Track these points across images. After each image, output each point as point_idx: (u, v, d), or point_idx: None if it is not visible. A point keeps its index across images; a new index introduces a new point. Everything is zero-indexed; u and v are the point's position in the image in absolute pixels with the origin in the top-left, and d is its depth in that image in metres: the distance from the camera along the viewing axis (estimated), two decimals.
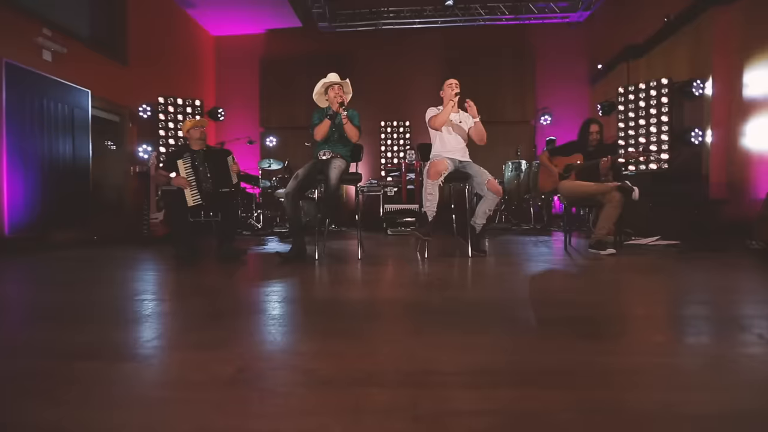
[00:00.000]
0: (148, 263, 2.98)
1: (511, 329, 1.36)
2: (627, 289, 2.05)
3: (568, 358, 1.10)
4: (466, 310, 1.62)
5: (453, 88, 3.16)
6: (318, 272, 2.50)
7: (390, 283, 2.16)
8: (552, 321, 1.44)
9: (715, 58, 4.64)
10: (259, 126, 7.80)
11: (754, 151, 4.34)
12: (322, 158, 3.11)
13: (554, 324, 1.41)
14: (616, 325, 1.44)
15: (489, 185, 2.96)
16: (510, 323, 1.44)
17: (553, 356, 1.11)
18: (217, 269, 2.65)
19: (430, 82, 7.79)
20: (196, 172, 3.17)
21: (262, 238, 4.76)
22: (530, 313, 1.55)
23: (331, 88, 3.10)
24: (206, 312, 1.59)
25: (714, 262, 2.77)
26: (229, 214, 3.20)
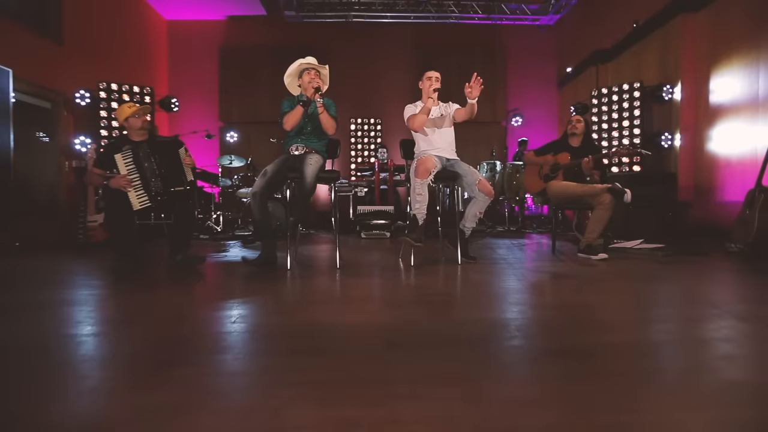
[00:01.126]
0: (82, 278, 2.47)
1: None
2: (632, 305, 1.86)
3: (558, 419, 0.81)
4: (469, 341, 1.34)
5: (432, 83, 2.89)
6: (291, 287, 2.14)
7: (378, 302, 1.85)
8: (547, 355, 1.19)
9: (684, 64, 4.74)
10: (219, 120, 7.20)
11: (720, 156, 4.46)
12: (294, 153, 2.74)
13: (548, 360, 1.15)
14: (626, 363, 1.18)
15: (480, 186, 2.73)
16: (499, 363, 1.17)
17: (538, 414, 0.83)
18: (169, 285, 2.21)
19: (401, 78, 7.56)
20: (141, 168, 2.68)
21: (223, 242, 4.27)
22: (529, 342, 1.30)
23: (306, 72, 2.74)
24: (154, 357, 1.19)
25: (706, 268, 2.71)
26: (184, 217, 2.74)
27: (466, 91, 2.66)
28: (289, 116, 2.63)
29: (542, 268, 2.66)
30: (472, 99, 2.67)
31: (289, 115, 2.63)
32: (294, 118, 2.63)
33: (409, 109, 2.95)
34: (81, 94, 4.79)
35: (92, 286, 2.17)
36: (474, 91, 2.62)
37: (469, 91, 2.65)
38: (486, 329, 1.40)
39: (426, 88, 2.94)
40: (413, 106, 2.99)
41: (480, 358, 1.13)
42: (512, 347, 1.22)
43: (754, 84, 4.02)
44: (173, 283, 2.29)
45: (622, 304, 1.79)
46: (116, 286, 2.17)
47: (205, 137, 5.29)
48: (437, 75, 2.94)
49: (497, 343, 1.26)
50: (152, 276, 2.47)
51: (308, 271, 2.57)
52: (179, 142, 2.89)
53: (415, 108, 2.96)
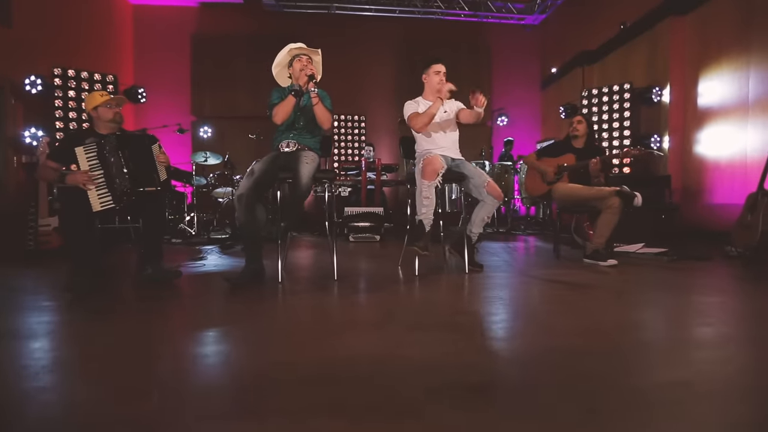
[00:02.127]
0: (29, 299, 2.07)
1: None
2: (687, 325, 1.70)
3: None
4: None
5: (441, 78, 2.67)
6: (285, 307, 1.85)
7: (397, 326, 1.59)
8: (658, 387, 0.99)
9: (673, 66, 4.74)
10: (191, 114, 6.70)
11: (708, 158, 4.49)
12: (284, 150, 2.43)
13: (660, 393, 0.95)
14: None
15: (488, 188, 2.52)
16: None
17: None
18: (136, 308, 1.86)
19: (386, 73, 7.33)
20: (105, 164, 2.30)
21: (198, 248, 3.89)
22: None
23: (297, 59, 2.44)
24: (113, 425, 0.88)
25: (722, 276, 2.63)
26: (154, 223, 2.37)
27: (473, 101, 2.48)
28: (280, 108, 2.32)
29: (555, 277, 2.49)
30: (479, 107, 2.48)
31: (280, 106, 2.32)
32: (285, 110, 2.32)
33: (410, 106, 2.70)
34: (32, 80, 4.24)
35: (40, 310, 1.79)
36: (480, 101, 2.45)
37: (474, 102, 2.46)
38: (548, 363, 1.18)
39: (432, 83, 2.71)
40: (414, 103, 2.73)
41: (585, 408, 0.90)
42: (612, 388, 1.00)
43: (744, 87, 4.05)
44: (141, 303, 1.93)
45: (679, 326, 1.62)
46: (71, 310, 1.80)
47: (177, 132, 4.84)
48: (444, 69, 2.71)
49: (589, 385, 1.03)
50: (116, 294, 2.10)
51: (302, 285, 2.27)
52: (152, 137, 2.52)
53: (416, 105, 2.71)
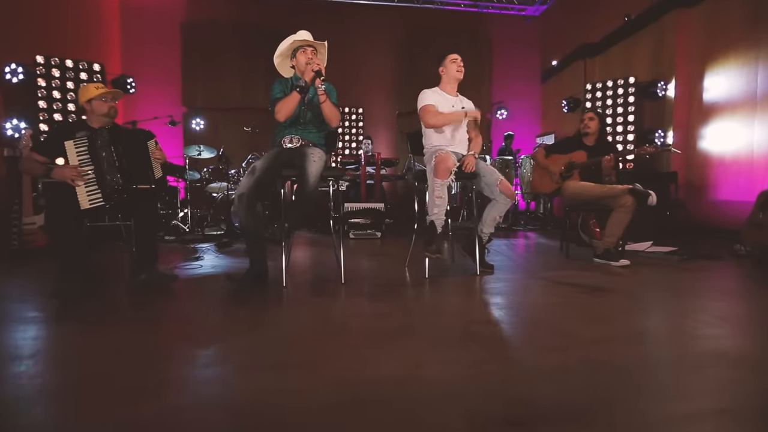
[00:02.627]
0: (14, 305, 1.92)
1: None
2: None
3: None
4: None
5: (459, 65, 2.56)
6: (291, 315, 1.74)
7: (416, 339, 1.49)
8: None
9: (679, 61, 4.66)
10: (182, 105, 6.46)
11: (713, 154, 4.43)
12: (287, 146, 2.29)
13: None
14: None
15: (501, 187, 2.42)
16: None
17: None
18: (129, 318, 1.72)
19: (384, 63, 7.13)
20: (97, 159, 2.15)
21: (193, 246, 3.73)
22: None
23: (301, 50, 2.29)
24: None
25: (744, 277, 2.58)
26: (148, 223, 2.23)
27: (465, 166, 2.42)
28: (284, 104, 2.17)
29: (568, 279, 2.41)
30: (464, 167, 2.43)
31: (284, 102, 2.17)
32: (289, 107, 2.18)
33: (429, 96, 2.56)
34: (12, 68, 4.00)
35: (26, 322, 1.64)
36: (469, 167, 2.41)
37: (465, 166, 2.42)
38: (584, 383, 1.09)
39: (450, 72, 2.59)
40: (432, 93, 2.60)
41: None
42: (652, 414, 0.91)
43: (752, 82, 3.98)
44: (134, 312, 1.78)
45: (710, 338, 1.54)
46: (59, 321, 1.65)
47: (169, 124, 4.64)
48: (461, 59, 2.60)
49: (628, 410, 0.94)
50: (107, 302, 1.94)
51: (307, 290, 2.15)
52: (148, 132, 2.36)
53: (434, 96, 2.58)
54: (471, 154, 2.50)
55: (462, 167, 2.41)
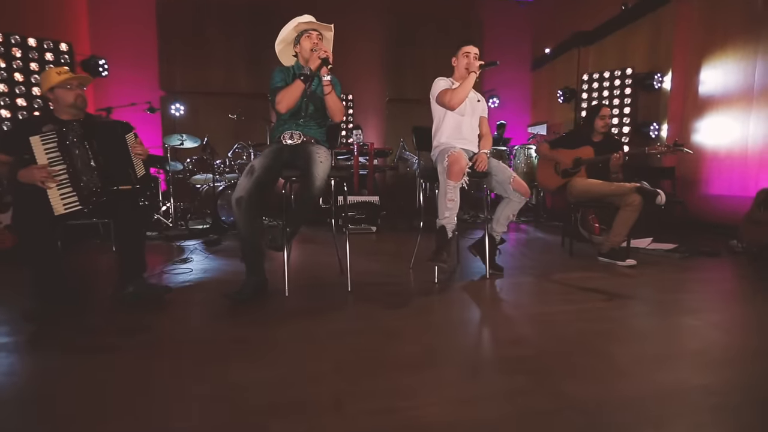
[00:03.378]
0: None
1: None
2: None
3: None
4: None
5: (471, 59, 2.42)
6: (302, 338, 1.58)
7: (443, 365, 1.37)
8: None
9: (677, 52, 4.62)
10: (159, 88, 6.03)
11: (707, 148, 4.45)
12: (287, 143, 2.10)
13: None
14: None
15: (514, 184, 2.31)
16: None
17: None
18: (115, 348, 1.52)
19: (373, 49, 6.85)
20: (69, 157, 1.90)
21: (178, 244, 3.49)
22: None
23: (306, 35, 2.08)
24: None
25: (738, 274, 2.57)
26: (133, 229, 2.00)
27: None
28: (286, 94, 1.97)
29: (580, 282, 2.34)
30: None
31: (286, 92, 1.97)
32: (292, 97, 1.98)
33: (441, 83, 2.46)
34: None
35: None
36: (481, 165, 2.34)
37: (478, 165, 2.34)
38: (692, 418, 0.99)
39: (461, 66, 2.45)
40: (446, 81, 2.48)
41: None
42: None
43: (750, 76, 3.97)
44: (121, 337, 1.55)
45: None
46: (33, 352, 1.45)
47: (147, 111, 4.29)
48: (476, 51, 2.45)
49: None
50: (89, 324, 1.69)
51: (313, 301, 1.99)
52: (126, 125, 2.11)
53: (449, 83, 2.46)
54: (483, 152, 2.38)
55: (474, 166, 2.29)
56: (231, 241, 3.66)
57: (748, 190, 4.00)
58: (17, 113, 3.86)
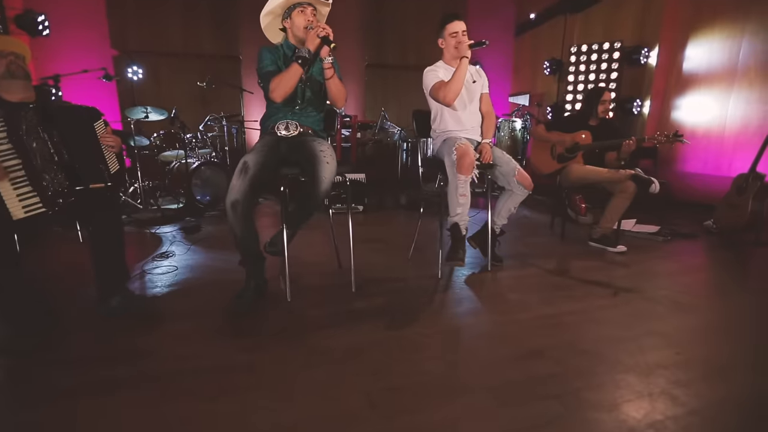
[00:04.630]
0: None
1: None
2: None
3: None
4: None
5: (459, 39, 2.22)
6: (313, 355, 1.50)
7: (479, 398, 1.34)
8: None
9: (664, 27, 4.56)
10: (110, 47, 5.35)
11: (686, 125, 4.54)
12: (282, 134, 1.89)
13: None
14: None
15: (518, 177, 2.24)
16: None
17: None
18: (113, 379, 1.36)
19: (348, 11, 6.33)
20: (24, 151, 1.62)
21: (154, 231, 3.22)
22: None
23: (299, 9, 1.82)
24: None
25: (721, 258, 2.71)
26: (111, 235, 1.77)
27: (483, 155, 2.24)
28: (282, 80, 1.73)
29: (581, 274, 2.37)
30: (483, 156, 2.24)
31: (281, 79, 1.73)
32: (288, 84, 1.75)
33: (432, 74, 2.24)
34: None
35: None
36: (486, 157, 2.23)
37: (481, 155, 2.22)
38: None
39: (450, 47, 2.25)
40: (435, 69, 2.27)
41: None
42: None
43: (734, 56, 4.01)
44: (115, 370, 1.36)
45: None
46: (7, 394, 1.26)
47: (103, 78, 3.78)
48: (463, 27, 2.23)
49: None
50: (72, 352, 1.48)
51: (316, 306, 1.88)
52: (93, 110, 1.82)
53: (438, 72, 2.24)
54: (487, 143, 2.27)
55: (480, 158, 2.18)
56: (210, 225, 3.43)
57: (721, 169, 4.16)
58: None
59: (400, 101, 6.63)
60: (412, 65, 6.44)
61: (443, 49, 2.33)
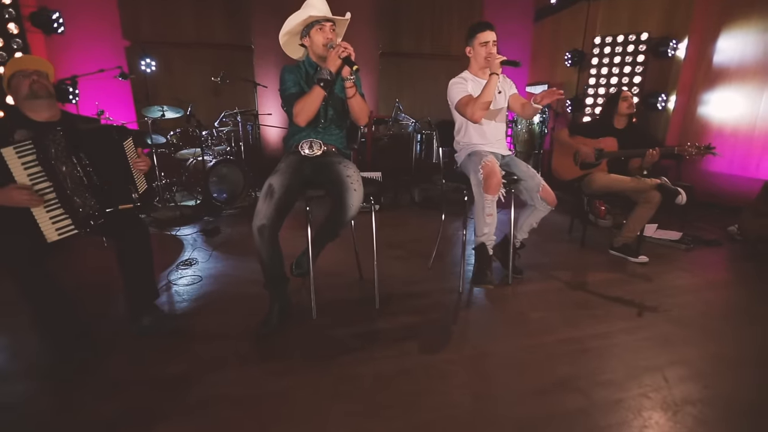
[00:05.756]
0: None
1: None
2: None
3: None
4: None
5: (489, 49, 2.13)
6: (347, 396, 1.53)
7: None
8: None
9: (696, 16, 4.33)
10: (122, 38, 5.29)
11: (713, 122, 4.39)
12: (305, 153, 1.88)
13: None
14: None
15: (543, 193, 2.20)
16: None
17: None
18: (154, 410, 1.41)
19: (364, 4, 6.12)
20: (54, 174, 1.62)
21: (173, 233, 3.27)
22: None
23: (317, 27, 1.77)
24: None
25: (749, 270, 2.66)
26: (140, 255, 1.79)
27: (535, 97, 2.08)
28: (305, 105, 1.71)
29: (602, 290, 2.36)
30: (537, 104, 2.09)
31: (305, 102, 1.71)
32: (312, 108, 1.73)
33: (458, 87, 2.17)
34: None
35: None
36: (544, 99, 2.05)
37: (539, 99, 2.06)
38: None
39: (479, 58, 2.17)
40: (461, 81, 2.20)
41: None
42: None
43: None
44: (156, 399, 1.43)
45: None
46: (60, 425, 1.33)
47: (119, 77, 3.77)
48: (493, 38, 2.15)
49: None
50: (112, 376, 1.54)
51: (341, 324, 1.90)
52: (123, 129, 1.81)
53: (465, 84, 2.18)
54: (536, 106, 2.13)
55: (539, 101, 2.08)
56: (228, 225, 3.46)
57: (748, 170, 4.03)
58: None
59: (414, 90, 6.49)
60: (427, 53, 6.27)
61: (471, 58, 2.26)
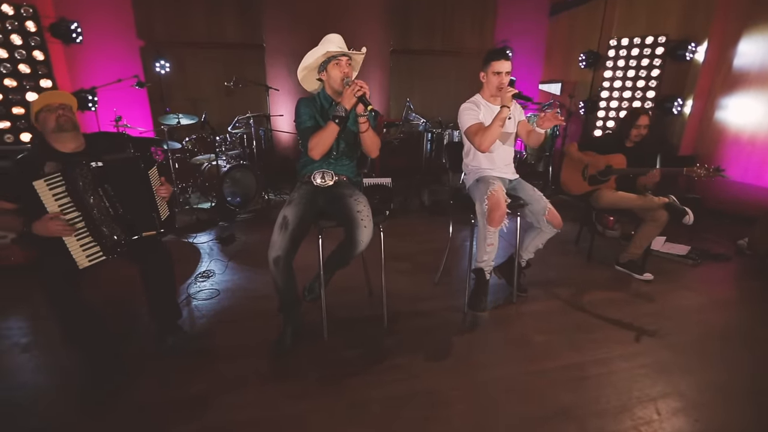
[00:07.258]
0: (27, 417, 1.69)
1: None
2: None
3: None
4: None
5: (502, 79, 2.15)
6: (360, 421, 1.64)
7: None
8: None
9: (717, 18, 4.22)
10: (137, 37, 5.36)
11: (729, 128, 4.31)
12: (318, 183, 1.95)
13: None
14: None
15: (549, 216, 2.25)
16: None
17: None
18: (164, 427, 1.55)
19: (372, 5, 6.06)
20: (83, 205, 1.74)
21: (189, 241, 3.40)
22: None
23: (334, 62, 1.82)
24: None
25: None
26: (163, 278, 1.91)
27: (537, 122, 2.08)
28: (320, 140, 1.78)
29: (605, 311, 2.41)
30: (541, 129, 2.09)
31: (320, 137, 1.78)
32: (326, 144, 1.80)
33: (469, 114, 2.20)
34: None
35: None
36: (546, 123, 2.06)
37: (540, 122, 2.06)
38: None
39: (491, 86, 2.19)
40: (472, 107, 2.23)
41: None
42: None
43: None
44: (176, 422, 1.58)
45: None
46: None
47: (136, 86, 3.86)
48: (508, 68, 2.16)
49: None
50: (139, 398, 1.66)
51: (352, 346, 2.00)
52: (147, 158, 1.90)
53: (477, 112, 2.21)
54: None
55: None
56: (243, 232, 3.58)
57: (763, 179, 3.99)
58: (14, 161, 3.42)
59: (425, 87, 6.45)
60: (438, 50, 6.21)
61: (483, 83, 2.28)
